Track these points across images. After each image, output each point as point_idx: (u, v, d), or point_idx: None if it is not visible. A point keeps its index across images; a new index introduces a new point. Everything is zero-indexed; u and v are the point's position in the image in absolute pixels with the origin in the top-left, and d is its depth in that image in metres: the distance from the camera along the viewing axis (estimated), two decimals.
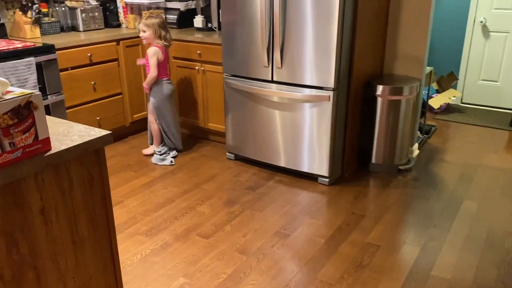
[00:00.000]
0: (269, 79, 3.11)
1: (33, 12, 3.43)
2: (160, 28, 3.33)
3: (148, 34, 3.31)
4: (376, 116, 3.23)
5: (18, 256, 1.23)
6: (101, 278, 1.52)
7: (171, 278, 2.20)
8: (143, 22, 3.33)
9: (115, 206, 2.86)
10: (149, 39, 3.33)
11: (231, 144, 3.50)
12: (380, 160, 3.33)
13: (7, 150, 1.15)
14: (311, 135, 3.05)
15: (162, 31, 3.34)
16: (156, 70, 3.33)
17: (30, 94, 1.18)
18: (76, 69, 3.43)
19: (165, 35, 3.35)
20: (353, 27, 2.91)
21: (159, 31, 3.32)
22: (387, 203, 2.91)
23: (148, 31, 3.30)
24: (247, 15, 3.06)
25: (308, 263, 2.32)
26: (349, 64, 3.00)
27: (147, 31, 3.31)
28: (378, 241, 2.50)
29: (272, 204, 2.89)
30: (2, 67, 2.84)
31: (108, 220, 1.50)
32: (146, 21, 3.32)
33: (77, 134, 1.39)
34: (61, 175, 1.31)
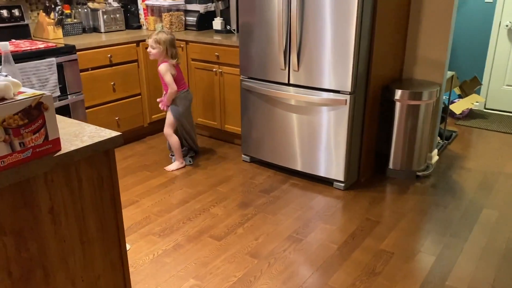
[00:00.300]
0: (286, 82, 3.10)
1: (56, 14, 3.51)
2: (171, 46, 3.19)
3: (157, 51, 3.16)
4: (394, 121, 3.18)
5: (27, 255, 1.25)
6: (110, 278, 1.53)
7: (181, 279, 2.20)
8: (153, 37, 3.15)
9: (130, 205, 2.89)
10: (156, 56, 3.20)
11: (247, 146, 3.50)
12: (397, 166, 3.27)
13: (17, 150, 1.17)
14: (327, 139, 3.02)
15: (173, 49, 3.20)
16: (174, 86, 3.22)
17: (40, 95, 1.20)
18: (96, 69, 3.49)
19: (173, 54, 3.21)
20: (372, 29, 2.87)
21: (169, 49, 3.18)
22: (403, 209, 2.85)
23: (157, 48, 3.16)
24: (265, 18, 3.06)
25: (320, 269, 2.29)
26: (367, 68, 2.96)
27: (156, 48, 3.16)
28: (392, 248, 2.45)
29: (285, 207, 2.87)
30: (24, 67, 2.91)
31: (117, 220, 1.51)
32: (157, 36, 3.15)
33: (87, 135, 1.41)
34: (71, 175, 1.33)
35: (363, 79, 2.95)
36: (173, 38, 3.24)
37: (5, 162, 1.15)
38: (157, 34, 3.17)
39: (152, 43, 3.17)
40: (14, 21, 3.44)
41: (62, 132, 1.40)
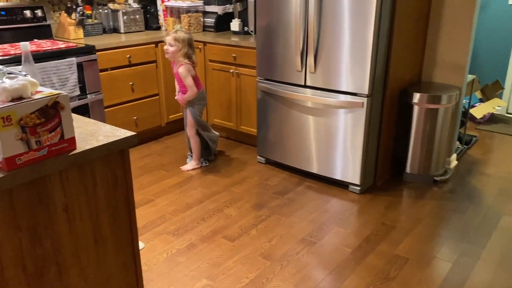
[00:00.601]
0: (302, 83, 3.09)
1: (77, 14, 3.58)
2: (189, 46, 3.14)
3: (175, 49, 3.11)
4: (412, 125, 3.13)
5: (41, 251, 1.27)
6: (122, 276, 1.55)
7: (194, 279, 2.22)
8: (172, 35, 3.11)
9: (145, 204, 2.92)
10: (174, 55, 3.14)
11: (262, 147, 3.50)
12: (415, 170, 3.23)
13: (33, 148, 1.19)
14: (343, 141, 3.00)
15: (189, 49, 3.15)
16: (194, 89, 3.20)
17: (57, 94, 1.22)
18: (115, 69, 3.54)
19: (190, 54, 3.16)
20: (390, 32, 2.84)
21: (186, 48, 3.13)
22: (420, 214, 2.81)
23: (175, 46, 3.10)
24: (282, 19, 3.05)
25: (333, 272, 2.27)
26: (384, 71, 2.93)
27: (174, 46, 3.10)
28: (407, 253, 2.42)
29: (300, 210, 2.86)
30: (45, 66, 2.97)
31: (131, 220, 1.53)
32: (176, 34, 3.11)
33: (103, 135, 1.43)
34: (85, 174, 1.35)
35: (380, 81, 2.92)
36: (191, 38, 3.21)
37: (22, 160, 1.17)
38: (175, 32, 3.14)
39: (170, 41, 3.12)
40: (37, 21, 3.52)
41: (78, 131, 1.42)
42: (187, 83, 3.18)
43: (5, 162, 1.14)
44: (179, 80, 3.25)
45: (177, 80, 3.28)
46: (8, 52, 2.96)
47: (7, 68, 1.46)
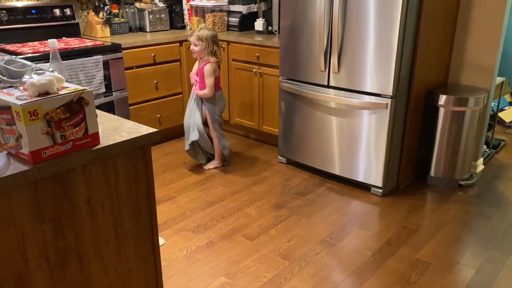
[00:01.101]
0: (325, 84, 3.06)
1: (104, 13, 3.64)
2: (213, 43, 3.13)
3: (200, 48, 3.11)
4: (437, 127, 3.07)
5: (64, 243, 1.31)
6: (142, 270, 1.57)
7: (212, 276, 2.23)
8: (196, 34, 3.10)
9: (167, 201, 2.96)
10: (200, 54, 3.15)
11: (283, 147, 3.49)
12: (439, 174, 3.16)
13: (58, 142, 1.22)
14: (366, 143, 2.97)
15: (215, 46, 3.14)
16: (212, 91, 3.19)
17: (82, 90, 1.25)
18: (140, 68, 3.60)
19: (216, 51, 3.15)
20: (416, 32, 2.79)
21: (211, 46, 3.12)
22: (443, 219, 2.75)
23: (199, 46, 3.11)
24: (306, 19, 3.04)
25: (352, 275, 2.25)
26: (410, 72, 2.88)
27: (198, 45, 3.10)
28: (429, 258, 2.37)
29: (320, 211, 2.84)
30: (73, 64, 3.04)
31: (151, 215, 1.55)
32: (199, 33, 3.10)
33: (125, 131, 1.45)
34: (108, 168, 1.37)
35: (405, 83, 2.87)
36: (215, 34, 3.19)
37: (47, 153, 1.20)
38: (199, 31, 3.13)
39: (194, 40, 3.13)
40: (66, 20, 3.61)
41: (101, 127, 1.45)
42: (208, 82, 3.18)
43: (31, 155, 1.17)
44: (201, 75, 3.24)
45: (200, 76, 3.27)
46: (37, 50, 3.04)
47: (36, 65, 1.50)
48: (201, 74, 3.24)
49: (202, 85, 3.24)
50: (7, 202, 1.16)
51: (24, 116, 1.14)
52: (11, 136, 1.21)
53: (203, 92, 3.24)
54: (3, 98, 1.18)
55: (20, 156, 1.21)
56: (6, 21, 3.30)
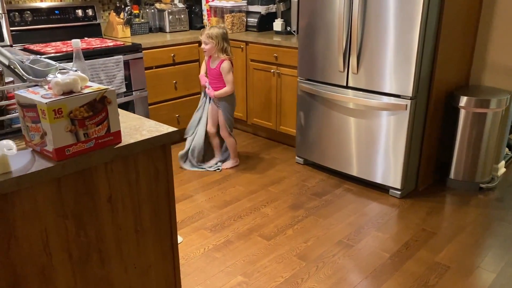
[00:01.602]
0: (344, 84, 3.05)
1: (125, 14, 3.70)
2: (223, 40, 3.15)
3: (210, 46, 3.14)
4: (458, 129, 3.03)
5: (85, 239, 1.33)
6: (160, 268, 1.59)
7: (229, 275, 2.24)
8: (206, 33, 3.14)
9: (185, 199, 2.98)
10: (211, 52, 3.18)
11: (301, 148, 3.48)
12: (459, 176, 3.12)
13: (81, 140, 1.25)
14: (385, 144, 2.94)
15: (225, 43, 3.17)
16: (233, 87, 3.22)
17: (105, 89, 1.27)
18: (160, 68, 3.64)
19: (226, 48, 3.18)
20: (437, 32, 2.76)
21: (222, 43, 3.15)
22: (463, 222, 2.71)
23: (210, 44, 3.13)
24: (325, 19, 3.03)
25: (369, 277, 2.24)
26: (430, 73, 2.84)
27: (209, 43, 3.13)
28: (448, 261, 2.34)
29: (338, 212, 2.83)
30: (94, 63, 3.09)
31: (170, 213, 1.56)
32: (209, 31, 3.13)
33: (146, 129, 1.47)
34: (129, 166, 1.40)
35: (425, 84, 2.84)
36: (226, 32, 3.20)
37: (70, 151, 1.23)
38: (209, 29, 3.15)
39: (204, 39, 3.15)
40: (88, 20, 3.68)
41: (123, 126, 1.47)
42: (228, 78, 3.18)
43: (55, 152, 1.20)
44: (216, 75, 3.22)
45: (213, 76, 3.25)
46: (60, 49, 3.11)
47: (59, 64, 1.53)
48: (216, 73, 3.23)
49: (218, 85, 3.25)
50: (32, 198, 1.19)
51: (49, 114, 1.16)
52: (36, 134, 1.24)
53: (223, 90, 3.23)
54: (29, 97, 1.21)
55: (45, 153, 1.24)
56: (31, 22, 3.38)
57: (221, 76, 3.22)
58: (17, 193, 1.15)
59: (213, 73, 3.25)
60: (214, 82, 3.26)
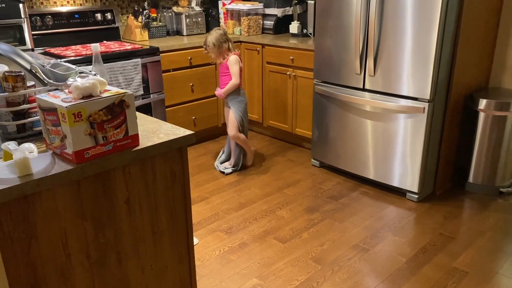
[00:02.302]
0: (360, 87, 3.03)
1: (143, 17, 3.75)
2: (223, 42, 3.17)
3: (214, 52, 3.20)
4: (477, 132, 2.98)
5: (103, 240, 1.36)
6: (176, 269, 1.61)
7: (245, 277, 2.25)
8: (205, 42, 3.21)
9: (201, 201, 3.01)
10: (218, 56, 3.23)
11: (317, 151, 3.47)
12: (478, 180, 3.07)
13: (100, 143, 1.27)
14: (402, 147, 2.92)
15: (225, 44, 3.19)
16: (239, 78, 3.22)
17: (123, 93, 1.29)
18: (177, 71, 3.67)
19: (230, 47, 3.21)
20: (456, 34, 2.72)
21: (222, 46, 3.18)
22: (482, 227, 2.67)
23: (212, 52, 3.20)
24: (342, 21, 3.02)
25: (385, 281, 2.22)
26: (448, 75, 2.81)
27: (210, 51, 3.21)
28: (466, 267, 2.31)
29: (354, 216, 2.81)
30: (113, 66, 3.14)
31: (186, 215, 1.58)
32: (206, 40, 3.19)
33: (163, 133, 1.49)
34: (146, 169, 1.42)
35: (443, 86, 2.81)
36: (223, 32, 3.21)
37: (89, 153, 1.25)
38: (206, 38, 3.20)
39: (207, 50, 3.23)
40: (107, 24, 3.73)
41: (141, 129, 1.50)
42: (233, 70, 3.19)
43: (75, 155, 1.23)
44: (224, 71, 3.24)
45: (222, 72, 3.27)
46: (80, 53, 3.16)
47: (79, 68, 1.56)
48: (224, 68, 3.23)
49: (226, 81, 3.25)
50: (52, 199, 1.21)
51: (69, 117, 1.19)
52: (56, 137, 1.27)
53: (230, 84, 3.22)
54: (50, 100, 1.24)
55: (64, 156, 1.27)
56: (51, 26, 3.45)
57: (228, 70, 3.23)
58: (37, 195, 1.18)
59: (222, 68, 3.28)
60: (224, 79, 3.29)
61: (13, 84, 1.35)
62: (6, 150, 1.22)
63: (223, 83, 3.30)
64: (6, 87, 1.36)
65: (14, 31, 3.06)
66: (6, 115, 1.39)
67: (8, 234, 1.15)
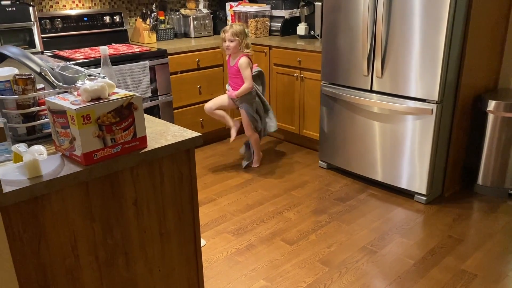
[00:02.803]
0: (368, 88, 3.03)
1: (151, 20, 3.77)
2: (246, 36, 3.22)
3: (236, 44, 3.18)
4: (486, 134, 2.96)
5: (112, 241, 1.37)
6: (184, 270, 1.62)
7: (252, 279, 2.25)
8: (230, 31, 3.17)
9: (208, 203, 3.01)
10: (235, 49, 3.20)
11: (324, 152, 3.47)
12: (487, 182, 3.04)
13: (108, 145, 1.28)
14: (410, 149, 2.90)
15: (247, 39, 3.23)
16: (252, 81, 3.23)
17: (131, 96, 1.31)
18: (184, 73, 3.69)
19: (248, 44, 3.25)
20: (464, 35, 2.71)
21: (245, 39, 3.21)
22: (491, 229, 2.65)
23: (235, 41, 3.18)
24: (349, 23, 3.02)
25: (393, 283, 2.21)
26: (457, 76, 2.79)
27: (234, 41, 3.18)
28: (475, 269, 2.29)
29: (361, 218, 2.81)
30: (121, 69, 3.16)
31: (194, 216, 1.59)
32: (234, 29, 3.18)
33: (171, 135, 1.50)
34: (154, 171, 1.43)
35: (452, 87, 2.79)
36: (245, 27, 3.26)
37: (98, 155, 1.27)
38: (232, 27, 3.19)
39: (230, 37, 3.17)
40: (115, 26, 3.76)
41: (148, 131, 1.51)
42: (246, 74, 3.20)
43: (83, 157, 1.24)
44: (235, 73, 3.25)
45: (233, 74, 3.28)
46: (88, 55, 3.19)
47: (88, 70, 1.58)
48: (235, 70, 3.24)
49: (238, 84, 3.25)
50: (61, 201, 1.23)
51: (78, 120, 1.20)
52: (65, 139, 1.28)
53: (243, 88, 3.24)
54: (59, 103, 1.26)
55: (73, 158, 1.28)
56: (61, 29, 3.48)
57: (239, 73, 3.24)
58: (47, 196, 1.20)
59: (233, 70, 3.29)
60: (235, 80, 3.29)
61: (23, 87, 1.37)
62: (16, 152, 1.23)
63: (235, 83, 3.30)
64: (16, 89, 1.38)
65: (24, 34, 3.10)
66: (16, 117, 1.41)
67: (18, 235, 1.17)
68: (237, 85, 3.29)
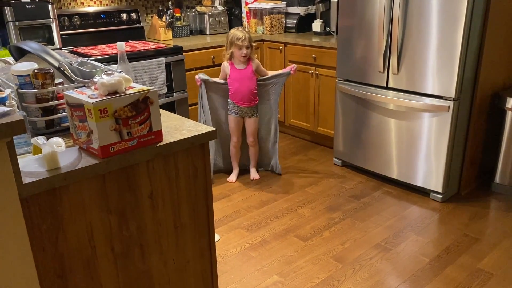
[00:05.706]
0: (384, 85, 3.00)
1: (167, 17, 3.80)
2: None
3: (251, 49, 3.09)
4: (504, 132, 2.91)
5: (127, 233, 1.39)
6: (198, 264, 1.63)
7: (265, 274, 2.26)
8: (247, 37, 3.04)
9: (223, 198, 3.03)
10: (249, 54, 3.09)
11: (339, 150, 3.46)
12: (505, 181, 2.99)
13: (125, 139, 1.30)
14: (426, 147, 2.87)
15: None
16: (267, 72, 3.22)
17: (147, 90, 1.32)
18: (200, 69, 3.70)
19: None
20: (483, 31, 2.67)
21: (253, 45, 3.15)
22: (509, 228, 2.61)
23: (251, 47, 3.09)
24: (365, 19, 3.00)
25: (407, 281, 2.19)
26: (474, 73, 2.75)
27: (250, 47, 3.08)
28: (492, 268, 2.26)
29: (376, 215, 2.79)
30: (137, 65, 3.20)
31: (208, 210, 1.60)
32: (248, 35, 3.07)
33: (186, 129, 1.52)
34: (169, 164, 1.44)
35: (469, 84, 2.75)
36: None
37: (115, 148, 1.29)
38: (244, 34, 3.05)
39: (247, 43, 3.04)
40: (132, 23, 3.80)
41: (164, 125, 1.52)
42: (263, 69, 3.18)
43: (101, 150, 1.26)
44: (249, 76, 3.10)
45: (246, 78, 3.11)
46: (105, 52, 3.23)
47: (105, 66, 1.61)
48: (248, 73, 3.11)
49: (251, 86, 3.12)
50: (78, 193, 1.25)
51: (95, 113, 1.23)
52: (83, 132, 1.31)
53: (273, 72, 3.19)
54: (77, 97, 1.28)
55: (91, 151, 1.30)
56: (79, 26, 3.54)
57: (254, 74, 3.13)
58: (65, 188, 1.22)
59: (247, 74, 3.11)
60: (247, 84, 3.12)
61: (42, 81, 1.40)
62: (35, 144, 1.26)
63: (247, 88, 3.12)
64: (35, 84, 1.41)
65: (43, 31, 3.16)
66: (35, 111, 1.44)
67: (37, 226, 1.20)
68: (249, 89, 3.13)
